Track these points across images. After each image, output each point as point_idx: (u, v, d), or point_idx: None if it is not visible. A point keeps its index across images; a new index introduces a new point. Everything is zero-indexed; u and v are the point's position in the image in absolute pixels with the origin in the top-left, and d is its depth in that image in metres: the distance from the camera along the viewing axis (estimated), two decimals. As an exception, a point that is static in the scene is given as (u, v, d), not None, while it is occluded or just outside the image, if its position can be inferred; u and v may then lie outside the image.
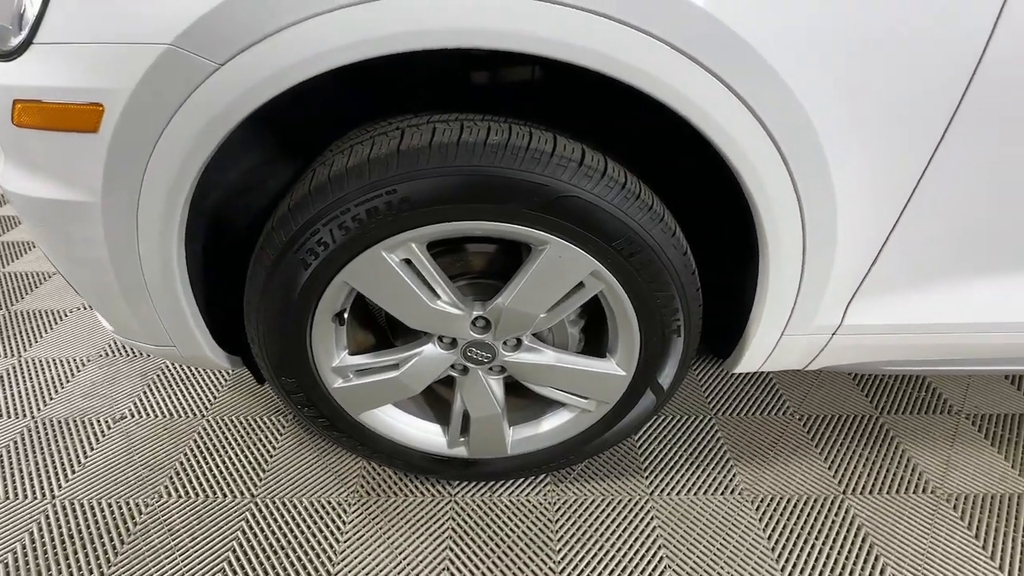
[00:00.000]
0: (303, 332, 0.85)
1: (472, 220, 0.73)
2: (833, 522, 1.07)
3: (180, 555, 1.00)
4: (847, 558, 1.01)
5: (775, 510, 1.09)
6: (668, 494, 1.12)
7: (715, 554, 1.01)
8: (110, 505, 1.08)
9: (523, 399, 1.08)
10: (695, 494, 1.12)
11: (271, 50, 0.58)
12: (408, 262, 0.79)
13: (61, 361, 1.43)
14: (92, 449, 1.19)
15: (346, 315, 0.89)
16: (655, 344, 0.87)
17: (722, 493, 1.12)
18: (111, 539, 1.02)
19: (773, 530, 1.05)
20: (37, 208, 0.77)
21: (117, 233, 0.75)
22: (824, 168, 0.66)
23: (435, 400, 1.12)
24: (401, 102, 0.87)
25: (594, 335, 1.01)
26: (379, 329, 1.08)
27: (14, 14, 0.71)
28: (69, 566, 0.98)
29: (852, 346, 0.91)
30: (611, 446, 1.06)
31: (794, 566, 0.99)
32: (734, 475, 1.16)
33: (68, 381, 1.37)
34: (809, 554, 1.01)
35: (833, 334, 0.89)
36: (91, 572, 0.97)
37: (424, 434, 1.05)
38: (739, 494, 1.12)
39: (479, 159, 0.68)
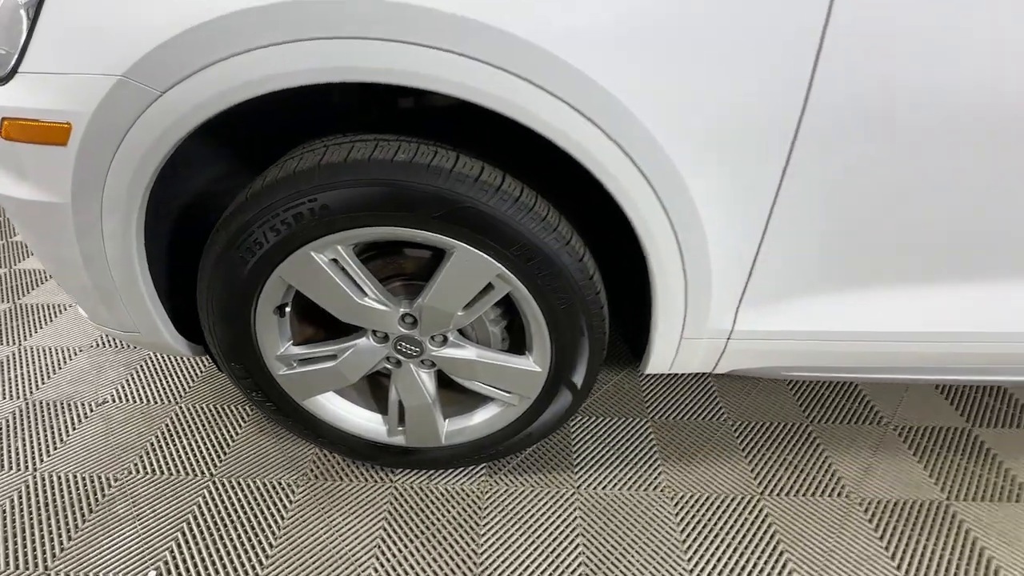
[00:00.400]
0: (248, 323, 0.96)
1: (386, 226, 0.84)
2: (745, 520, 1.13)
3: (140, 523, 1.10)
4: (753, 552, 1.07)
5: (692, 507, 1.16)
6: (593, 488, 1.19)
7: (627, 545, 1.08)
8: (84, 478, 1.20)
9: (460, 394, 1.17)
10: (619, 489, 1.19)
11: (195, 85, 0.70)
12: (336, 262, 0.90)
13: (56, 350, 1.57)
14: (74, 429, 1.32)
15: (287, 309, 0.99)
16: (564, 343, 0.96)
17: (645, 489, 1.19)
18: (81, 508, 1.13)
19: (687, 525, 1.12)
20: (23, 208, 0.90)
21: (86, 233, 0.87)
22: (680, 182, 0.75)
23: (378, 390, 1.22)
24: (356, 124, 0.99)
25: (519, 335, 1.10)
26: (330, 324, 1.18)
27: (17, 38, 0.84)
28: (42, 530, 1.09)
29: (747, 350, 0.98)
30: (537, 440, 1.15)
31: (701, 557, 1.06)
32: (660, 474, 1.23)
33: (60, 368, 1.51)
34: (718, 547, 1.08)
35: (728, 339, 0.97)
36: (59, 536, 1.08)
37: (365, 422, 1.15)
38: (661, 491, 1.19)
39: (387, 173, 0.79)
